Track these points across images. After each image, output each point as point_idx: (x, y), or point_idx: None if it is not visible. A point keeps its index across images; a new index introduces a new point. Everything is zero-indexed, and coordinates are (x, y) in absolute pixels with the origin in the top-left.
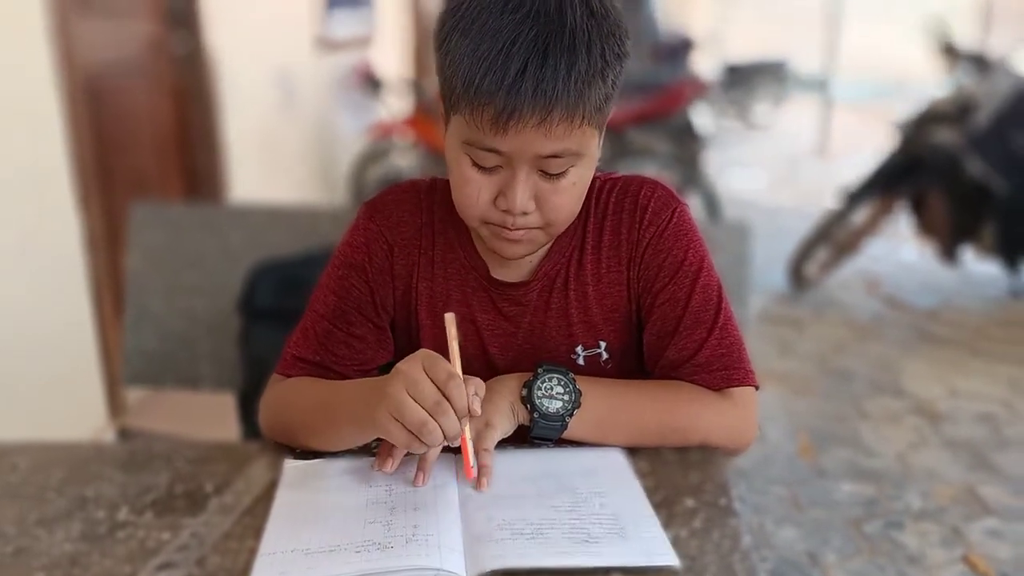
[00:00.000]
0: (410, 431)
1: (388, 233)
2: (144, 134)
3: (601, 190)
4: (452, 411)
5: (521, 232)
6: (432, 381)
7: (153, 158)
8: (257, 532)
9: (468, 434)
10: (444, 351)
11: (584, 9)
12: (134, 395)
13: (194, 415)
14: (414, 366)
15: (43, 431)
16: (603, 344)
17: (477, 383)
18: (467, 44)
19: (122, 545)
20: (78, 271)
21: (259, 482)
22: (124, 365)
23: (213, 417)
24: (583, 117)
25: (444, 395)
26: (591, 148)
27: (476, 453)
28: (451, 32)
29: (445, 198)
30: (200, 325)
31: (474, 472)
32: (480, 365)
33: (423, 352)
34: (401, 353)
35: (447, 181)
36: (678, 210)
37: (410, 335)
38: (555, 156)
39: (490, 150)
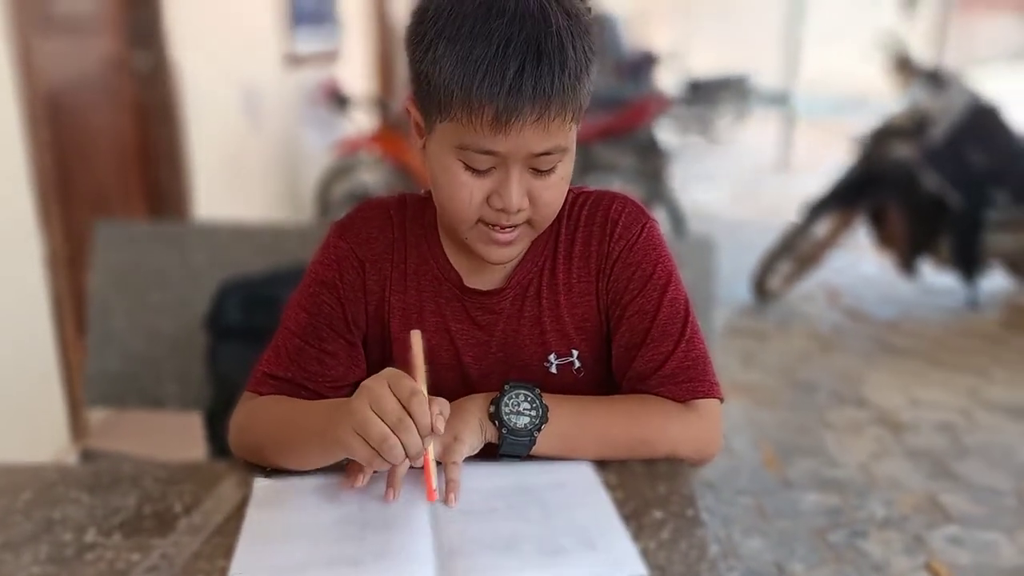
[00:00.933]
0: (372, 447)
1: (359, 250)
2: (107, 152)
3: (574, 203)
4: (415, 428)
5: (513, 232)
6: (396, 397)
7: (116, 176)
8: (228, 552)
9: (431, 454)
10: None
11: (561, 10)
12: (97, 416)
13: (159, 435)
14: (379, 383)
15: (3, 453)
16: (575, 353)
17: (442, 403)
18: (457, 50)
19: (91, 567)
20: (39, 290)
21: (229, 501)
22: (87, 386)
23: (178, 437)
24: (574, 112)
25: (408, 411)
26: (574, 142)
27: (444, 466)
28: (435, 40)
29: (416, 213)
30: (165, 344)
31: (436, 495)
32: (455, 375)
33: (389, 370)
34: (375, 368)
35: (417, 196)
36: (647, 225)
37: (383, 349)
38: (547, 153)
39: (486, 152)
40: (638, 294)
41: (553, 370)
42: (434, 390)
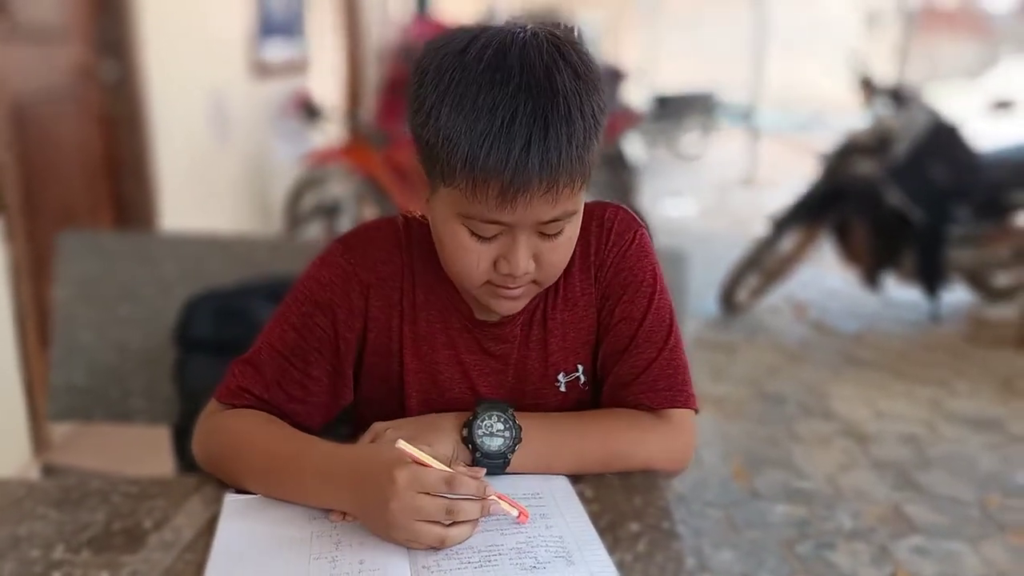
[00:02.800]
0: (441, 530)
1: (364, 273)
2: (72, 162)
3: None
4: (467, 509)
5: (520, 290)
6: (428, 493)
7: (81, 187)
8: (199, 568)
9: (494, 494)
10: (432, 394)
11: (570, 71)
12: (59, 430)
13: (123, 450)
14: (408, 497)
15: None
16: (580, 368)
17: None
18: (462, 121)
19: None
20: (2, 303)
21: (199, 517)
22: (51, 399)
23: (143, 451)
24: (582, 179)
25: (449, 496)
26: (582, 202)
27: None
28: (437, 105)
29: (420, 238)
30: (132, 358)
31: (526, 514)
32: (470, 406)
33: (401, 473)
34: (378, 396)
35: (420, 222)
36: (639, 232)
37: (389, 379)
38: (555, 220)
39: (492, 222)
40: (627, 300)
41: (563, 388)
42: None
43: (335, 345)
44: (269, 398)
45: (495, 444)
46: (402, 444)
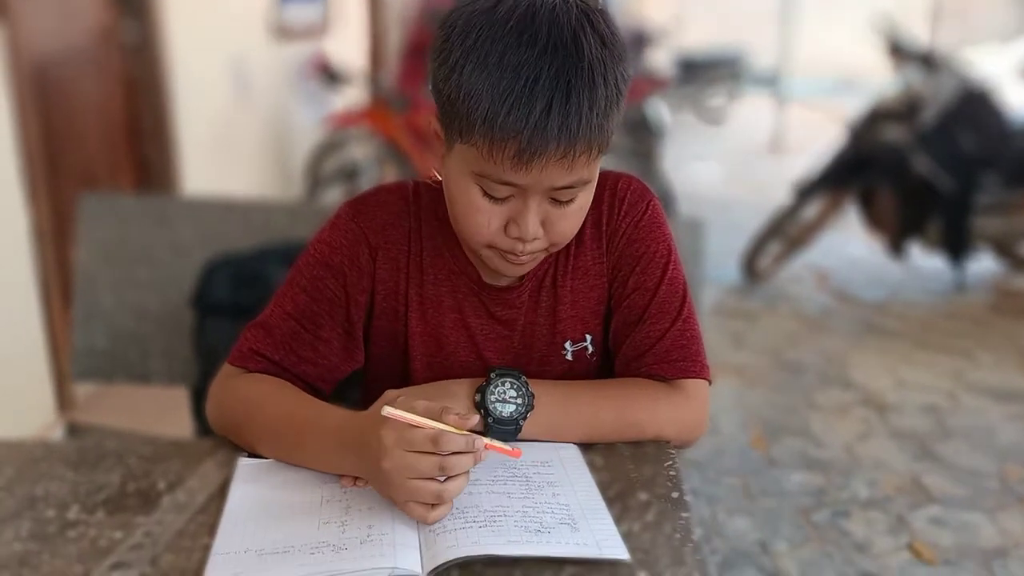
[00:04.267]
0: (436, 485)
1: (372, 236)
2: (93, 125)
3: None
4: (457, 461)
5: (527, 256)
6: (420, 452)
7: (103, 150)
8: (211, 530)
9: (487, 443)
10: (437, 358)
11: (596, 39)
12: (83, 390)
13: (145, 410)
14: (397, 456)
15: None
16: (589, 337)
17: (450, 410)
18: (485, 79)
19: (73, 544)
20: (25, 265)
21: (213, 479)
22: (73, 360)
23: (165, 412)
24: (600, 148)
25: (440, 453)
26: (597, 173)
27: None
28: (462, 61)
29: (430, 203)
30: (151, 320)
31: (519, 450)
32: (476, 371)
33: (391, 434)
34: (385, 360)
35: (430, 187)
36: (652, 203)
37: (395, 342)
38: (569, 187)
39: (506, 183)
40: (640, 271)
41: (569, 357)
42: None
43: (345, 307)
44: (280, 360)
45: (507, 410)
46: (388, 410)
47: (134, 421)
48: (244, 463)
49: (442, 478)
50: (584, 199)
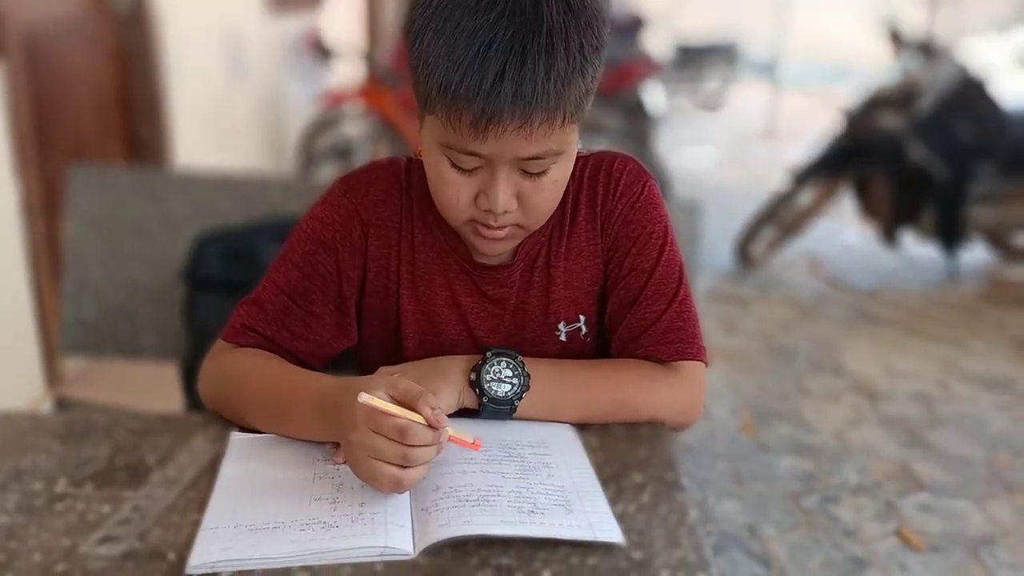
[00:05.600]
0: (396, 471)
1: (364, 212)
2: (84, 97)
3: (575, 167)
4: (419, 453)
5: (503, 230)
6: (387, 437)
7: (93, 122)
8: (201, 506)
9: (449, 433)
10: (428, 335)
11: (560, 4)
12: (72, 365)
13: (135, 385)
14: (363, 434)
15: None
16: (583, 318)
17: (428, 397)
18: (441, 45)
19: (60, 518)
20: (14, 237)
21: (203, 455)
22: (63, 334)
23: (155, 388)
24: (563, 117)
25: (405, 443)
26: (571, 145)
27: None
28: (423, 30)
29: (422, 180)
30: (141, 294)
31: (478, 441)
32: (467, 349)
33: (365, 409)
34: (377, 337)
35: (422, 164)
36: (648, 184)
37: (387, 320)
38: (536, 158)
39: (470, 153)
40: (636, 252)
41: (563, 338)
42: None
43: (338, 283)
44: (273, 335)
45: (502, 390)
46: (364, 397)
47: (123, 397)
48: (236, 438)
49: (404, 466)
50: (558, 172)
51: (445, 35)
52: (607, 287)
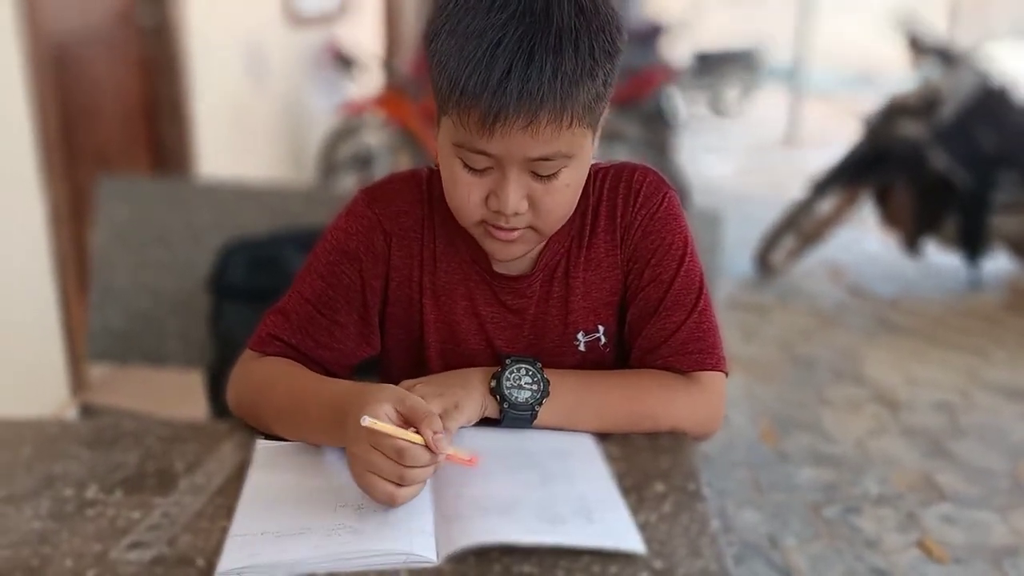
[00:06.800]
0: (391, 488)
1: (387, 222)
2: (110, 107)
3: (594, 178)
4: (416, 474)
5: (515, 233)
6: (385, 456)
7: (119, 132)
8: (229, 512)
9: (447, 452)
10: (449, 344)
11: (572, 6)
12: (97, 372)
13: (159, 393)
14: (363, 448)
15: (3, 407)
16: (602, 328)
17: (435, 420)
18: (453, 44)
19: (91, 523)
20: (42, 246)
21: (230, 462)
22: (89, 341)
23: (179, 394)
24: (572, 118)
25: (402, 463)
26: (583, 149)
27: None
28: (439, 32)
29: (442, 191)
30: (167, 302)
31: (475, 458)
32: (487, 359)
33: (367, 428)
34: (401, 347)
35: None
36: (668, 195)
37: (410, 329)
38: (545, 159)
39: (479, 152)
40: (656, 263)
41: (582, 347)
42: None
43: (362, 293)
44: (298, 344)
45: (523, 396)
46: (367, 420)
47: (147, 404)
48: (262, 446)
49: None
50: (570, 176)
51: (457, 35)
52: (627, 298)
